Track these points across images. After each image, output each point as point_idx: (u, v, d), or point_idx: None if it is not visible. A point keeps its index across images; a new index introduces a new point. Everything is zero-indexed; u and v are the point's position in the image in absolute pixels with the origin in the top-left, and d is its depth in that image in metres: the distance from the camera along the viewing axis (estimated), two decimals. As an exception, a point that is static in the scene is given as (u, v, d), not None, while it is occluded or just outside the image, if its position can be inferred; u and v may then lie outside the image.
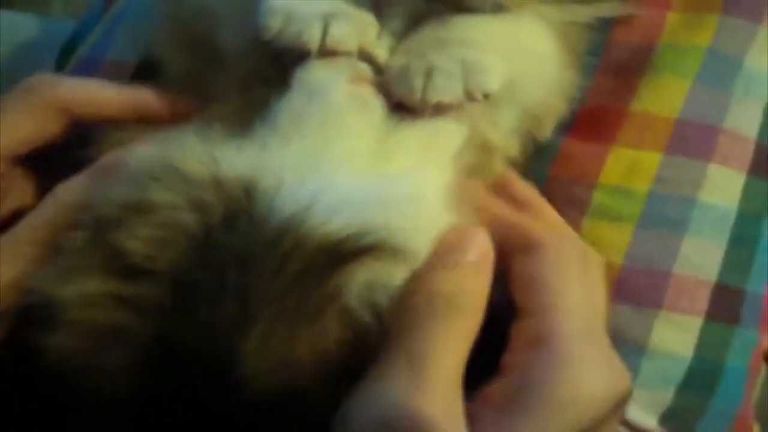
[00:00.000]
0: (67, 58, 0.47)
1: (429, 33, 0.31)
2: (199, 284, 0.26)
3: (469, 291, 0.26)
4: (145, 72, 0.40)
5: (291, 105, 0.29)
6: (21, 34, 0.63)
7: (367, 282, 0.26)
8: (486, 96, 0.30)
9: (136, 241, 0.27)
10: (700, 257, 0.36)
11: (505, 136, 0.34)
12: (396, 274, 0.26)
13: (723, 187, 0.37)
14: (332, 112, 0.29)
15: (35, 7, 1.42)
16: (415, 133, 0.30)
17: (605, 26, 0.38)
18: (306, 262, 0.26)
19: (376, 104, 0.30)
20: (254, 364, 0.25)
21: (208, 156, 0.29)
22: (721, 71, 0.38)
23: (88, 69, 0.43)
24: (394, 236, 0.26)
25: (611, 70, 0.38)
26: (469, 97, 0.29)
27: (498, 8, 0.32)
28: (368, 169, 0.29)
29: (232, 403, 0.25)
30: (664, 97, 0.37)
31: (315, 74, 0.30)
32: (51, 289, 0.29)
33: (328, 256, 0.26)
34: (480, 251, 0.27)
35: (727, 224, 0.37)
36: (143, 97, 0.34)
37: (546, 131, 0.36)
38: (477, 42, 0.31)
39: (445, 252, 0.26)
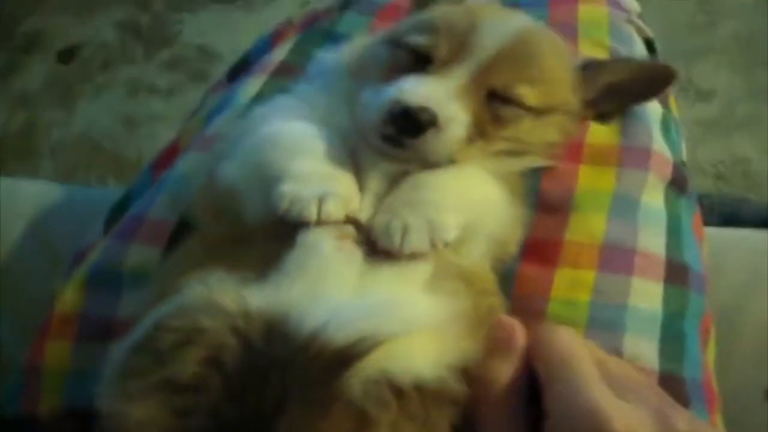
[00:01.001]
0: (117, 217, 0.57)
1: (402, 194, 0.42)
2: (246, 384, 0.34)
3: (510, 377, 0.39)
4: (181, 229, 0.50)
5: (295, 258, 0.39)
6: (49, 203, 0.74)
7: (367, 378, 0.34)
8: (446, 244, 0.40)
9: (187, 366, 0.36)
10: (640, 351, 0.44)
11: (477, 261, 0.44)
12: (393, 366, 0.35)
13: (645, 295, 0.46)
14: (323, 261, 0.39)
15: (24, 168, 1.57)
16: (389, 269, 0.40)
17: (535, 176, 0.49)
18: (319, 368, 0.34)
19: (356, 252, 0.40)
20: None
21: (238, 295, 0.38)
22: (625, 208, 0.49)
23: (134, 225, 0.53)
24: (383, 335, 0.35)
25: (546, 210, 0.48)
26: (434, 246, 0.40)
27: (452, 163, 0.44)
28: (356, 296, 0.38)
29: None
30: (588, 229, 0.48)
31: (311, 237, 0.40)
32: (120, 407, 0.37)
33: (335, 361, 0.34)
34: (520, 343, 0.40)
35: (656, 323, 0.46)
36: None
37: (511, 253, 0.47)
38: (438, 203, 0.41)
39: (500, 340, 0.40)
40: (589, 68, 0.52)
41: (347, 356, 0.34)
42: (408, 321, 0.37)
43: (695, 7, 1.71)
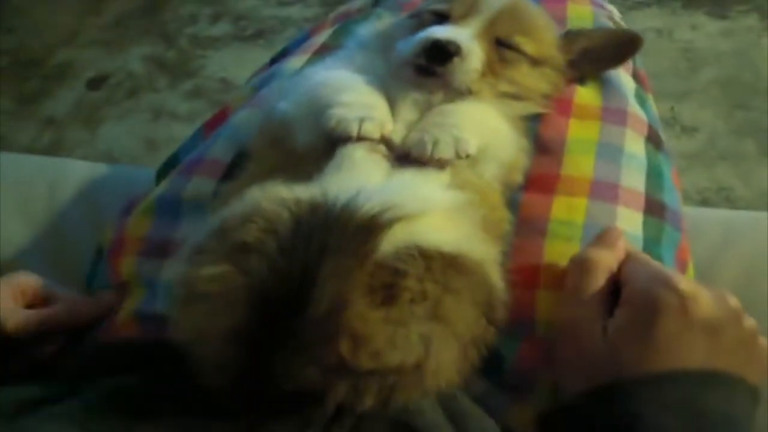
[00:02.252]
0: (168, 170, 0.66)
1: (431, 118, 0.52)
2: (295, 245, 0.41)
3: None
4: (234, 167, 0.59)
5: (334, 163, 0.49)
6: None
7: (396, 241, 0.43)
8: (467, 155, 0.49)
9: (250, 233, 0.43)
10: None
11: (489, 182, 0.53)
12: (417, 236, 0.43)
13: (629, 221, 0.55)
14: (356, 163, 0.49)
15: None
16: (413, 174, 0.49)
17: (533, 123, 0.59)
18: (354, 229, 0.41)
19: (384, 161, 0.50)
20: (323, 289, 0.39)
21: (290, 190, 0.46)
22: (609, 153, 0.59)
23: (194, 164, 0.62)
24: (405, 208, 0.43)
25: (543, 151, 0.58)
26: (458, 156, 0.49)
27: (470, 93, 0.55)
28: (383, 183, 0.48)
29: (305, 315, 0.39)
30: (579, 166, 0.57)
31: (348, 149, 0.49)
32: (191, 273, 0.45)
33: (366, 225, 0.41)
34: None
35: (638, 245, 0.54)
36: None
37: (518, 178, 0.56)
38: (461, 125, 0.51)
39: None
40: (569, 34, 0.63)
41: (376, 223, 0.42)
42: (427, 200, 0.45)
43: (678, 54, 1.86)
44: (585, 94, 0.63)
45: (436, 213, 0.46)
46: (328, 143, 0.50)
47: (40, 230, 0.78)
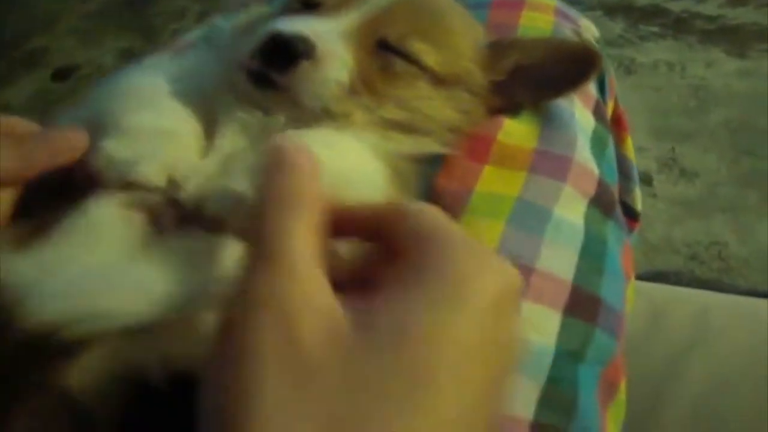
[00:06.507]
0: None
1: (252, 156, 0.34)
2: None
3: (306, 190, 0.26)
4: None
5: (63, 225, 0.32)
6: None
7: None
8: None
9: None
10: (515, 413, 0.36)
11: None
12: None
13: (538, 323, 0.38)
14: (89, 228, 0.32)
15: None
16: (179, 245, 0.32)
17: (429, 173, 0.42)
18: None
19: (140, 226, 0.32)
20: None
21: None
22: (529, 218, 0.41)
23: None
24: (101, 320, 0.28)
25: None
26: None
27: (329, 116, 0.38)
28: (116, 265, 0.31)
29: None
30: (479, 236, 0.39)
31: (96, 201, 0.33)
32: None
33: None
34: (308, 156, 0.27)
35: (543, 360, 0.38)
36: None
37: None
38: None
39: (277, 161, 0.27)
40: (497, 45, 0.45)
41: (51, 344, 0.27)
42: (155, 304, 0.29)
43: (689, 91, 1.70)
44: (514, 131, 0.45)
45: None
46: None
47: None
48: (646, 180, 1.44)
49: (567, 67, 0.44)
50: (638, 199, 0.66)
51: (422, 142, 0.41)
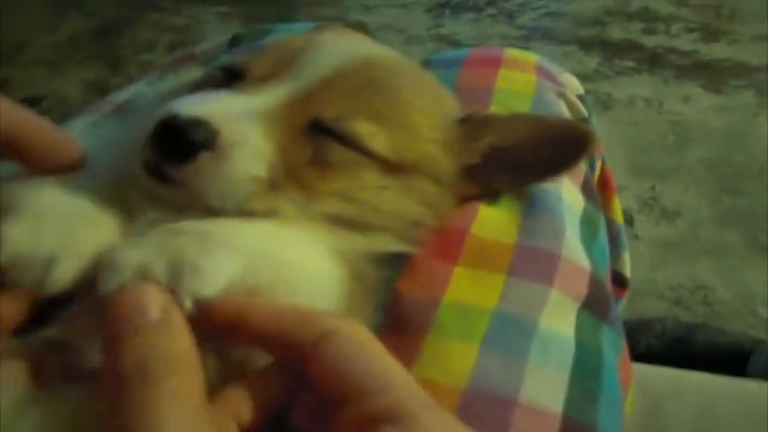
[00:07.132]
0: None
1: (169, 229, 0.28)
2: None
3: (161, 351, 0.21)
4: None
5: None
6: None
7: None
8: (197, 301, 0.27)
9: None
10: None
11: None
12: None
13: None
14: None
15: None
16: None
17: (390, 276, 0.35)
18: None
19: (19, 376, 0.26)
20: None
21: None
22: (509, 336, 0.34)
23: None
24: None
25: (394, 327, 0.34)
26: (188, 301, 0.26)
27: (245, 213, 0.31)
28: None
29: None
30: (448, 364, 0.33)
31: None
32: None
33: None
34: (160, 307, 0.23)
35: None
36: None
37: None
38: (215, 239, 0.27)
39: (124, 319, 0.22)
40: (470, 121, 0.39)
41: None
42: None
43: (666, 127, 1.69)
44: (491, 222, 0.38)
45: None
46: None
47: None
48: (628, 221, 1.41)
49: (553, 151, 0.38)
50: (627, 264, 0.61)
51: (377, 240, 0.35)
